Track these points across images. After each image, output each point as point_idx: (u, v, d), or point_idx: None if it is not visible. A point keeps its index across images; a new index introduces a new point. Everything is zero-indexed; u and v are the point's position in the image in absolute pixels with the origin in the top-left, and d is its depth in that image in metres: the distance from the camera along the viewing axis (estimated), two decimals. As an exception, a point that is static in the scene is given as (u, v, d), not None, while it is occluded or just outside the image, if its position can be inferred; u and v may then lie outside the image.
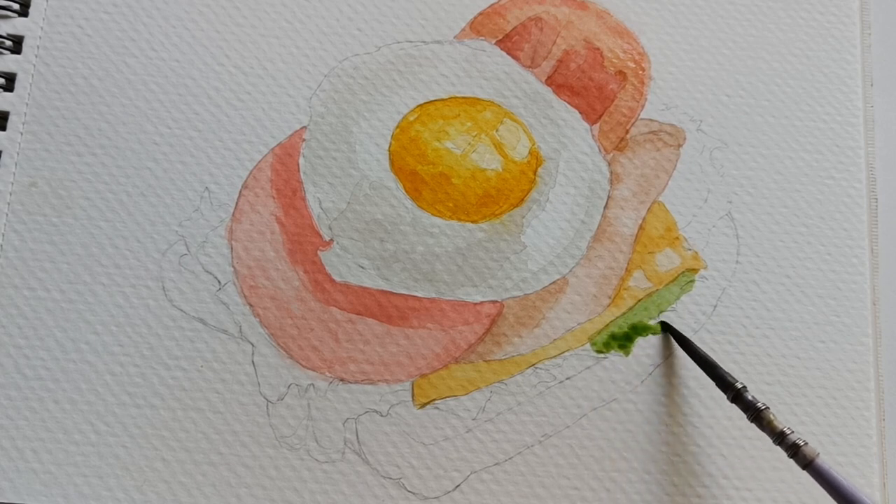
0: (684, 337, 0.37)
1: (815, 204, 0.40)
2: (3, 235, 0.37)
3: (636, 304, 0.38)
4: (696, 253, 0.39)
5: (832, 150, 0.41)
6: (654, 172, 0.40)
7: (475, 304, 0.38)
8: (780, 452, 0.33)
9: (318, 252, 0.38)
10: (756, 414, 0.33)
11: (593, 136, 0.40)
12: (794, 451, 0.32)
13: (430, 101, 0.40)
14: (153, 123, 0.39)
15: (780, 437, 0.32)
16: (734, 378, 0.34)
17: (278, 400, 0.36)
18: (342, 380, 0.37)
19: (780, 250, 0.39)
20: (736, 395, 0.34)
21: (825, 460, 0.32)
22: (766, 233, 0.39)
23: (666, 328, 0.38)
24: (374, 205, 0.38)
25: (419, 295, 0.38)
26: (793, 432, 0.32)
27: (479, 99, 0.40)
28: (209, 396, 0.36)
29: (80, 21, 0.40)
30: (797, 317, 0.38)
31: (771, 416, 0.33)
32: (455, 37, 0.41)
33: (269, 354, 0.37)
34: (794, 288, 0.39)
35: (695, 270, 0.39)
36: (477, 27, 0.41)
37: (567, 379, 0.37)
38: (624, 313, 0.38)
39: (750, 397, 0.34)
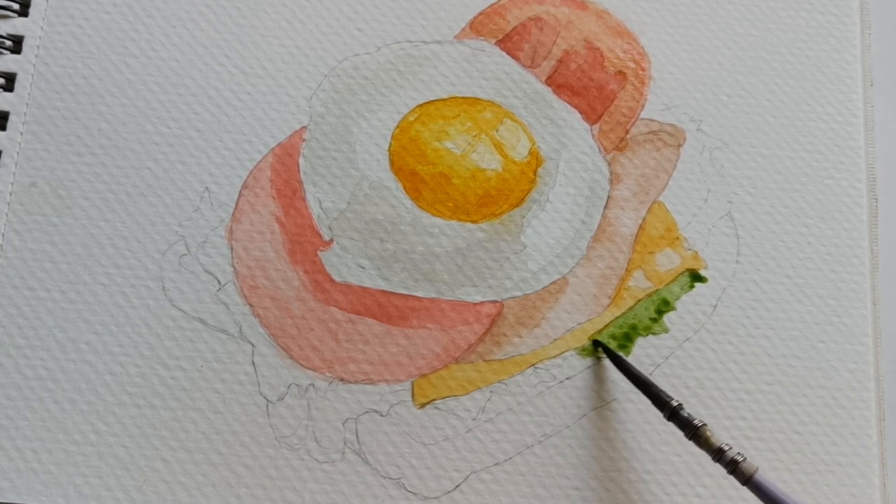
0: (618, 355, 0.36)
1: (815, 204, 0.40)
2: (3, 235, 0.37)
3: (636, 304, 0.38)
4: (696, 253, 0.39)
5: (832, 150, 0.41)
6: (654, 172, 0.40)
7: (475, 304, 0.38)
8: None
9: (318, 252, 0.38)
10: (693, 431, 0.33)
11: (593, 136, 0.40)
12: (733, 467, 0.31)
13: (430, 101, 0.40)
14: (153, 123, 0.39)
15: (718, 454, 0.32)
16: (669, 396, 0.34)
17: (278, 400, 0.36)
18: (342, 380, 0.37)
19: (780, 250, 0.39)
20: (672, 412, 0.33)
21: (765, 475, 0.31)
22: (766, 233, 0.39)
23: (598, 345, 0.37)
24: (374, 205, 0.38)
25: (419, 295, 0.38)
26: (730, 448, 0.32)
27: (479, 99, 0.40)
28: (209, 396, 0.36)
29: (80, 21, 0.40)
30: (797, 317, 0.38)
31: (708, 432, 0.32)
32: (455, 37, 0.41)
33: (269, 354, 0.37)
34: (794, 288, 0.39)
35: (695, 270, 0.39)
36: (477, 27, 0.41)
37: (567, 379, 0.37)
38: (624, 313, 0.38)
39: (686, 414, 0.33)
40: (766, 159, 0.40)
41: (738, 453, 0.32)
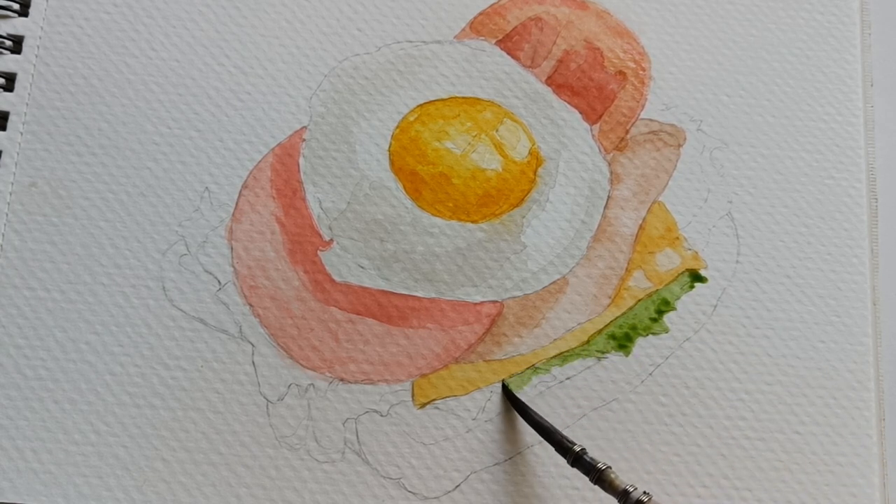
0: (520, 401, 0.36)
1: (815, 204, 0.40)
2: (3, 235, 0.37)
3: (636, 304, 0.38)
4: (696, 253, 0.39)
5: (832, 150, 0.41)
6: (654, 172, 0.40)
7: (475, 304, 0.38)
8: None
9: (318, 252, 0.38)
10: (598, 475, 0.32)
11: (593, 136, 0.40)
12: None
13: (430, 101, 0.40)
14: (153, 123, 0.39)
15: (623, 496, 0.31)
16: (572, 441, 0.33)
17: (278, 400, 0.36)
18: (342, 380, 0.37)
19: (780, 250, 0.39)
20: (575, 458, 0.33)
21: None
22: (766, 233, 0.39)
23: (504, 389, 0.37)
24: (374, 205, 0.38)
25: (419, 295, 0.38)
26: (636, 489, 0.31)
27: (479, 99, 0.40)
28: (209, 396, 0.36)
29: (80, 21, 0.40)
30: (797, 317, 0.38)
31: (612, 475, 0.32)
32: (455, 37, 0.41)
33: (269, 354, 0.37)
34: (794, 288, 0.39)
35: (695, 270, 0.39)
36: (477, 27, 0.41)
37: (567, 379, 0.37)
38: (624, 313, 0.38)
39: (589, 459, 0.33)
40: (766, 159, 0.40)
41: (644, 492, 0.31)
